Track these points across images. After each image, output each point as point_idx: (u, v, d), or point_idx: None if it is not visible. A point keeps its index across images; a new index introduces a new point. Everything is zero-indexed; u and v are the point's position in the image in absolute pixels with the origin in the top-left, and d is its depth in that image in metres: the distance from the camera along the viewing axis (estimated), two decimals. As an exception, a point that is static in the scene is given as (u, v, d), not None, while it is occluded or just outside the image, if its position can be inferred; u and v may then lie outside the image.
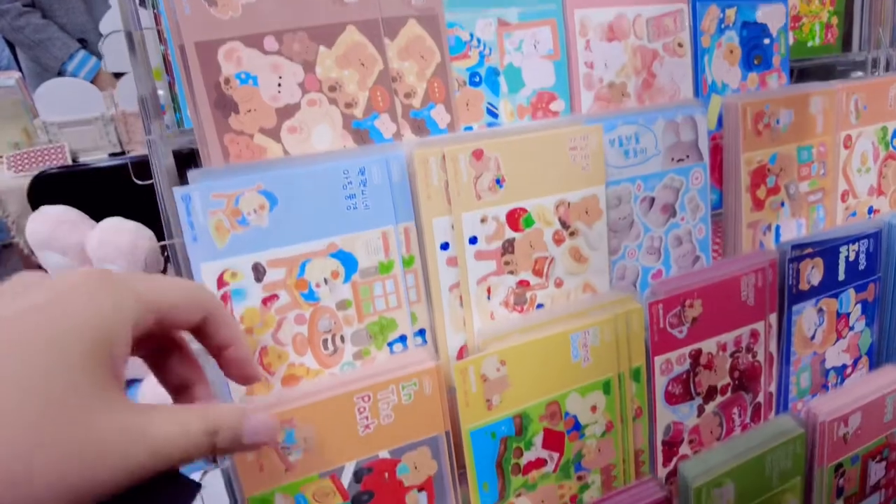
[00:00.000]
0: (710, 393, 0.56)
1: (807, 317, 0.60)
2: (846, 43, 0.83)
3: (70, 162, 1.52)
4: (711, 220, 0.63)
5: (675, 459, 0.55)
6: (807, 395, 0.63)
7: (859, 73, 0.81)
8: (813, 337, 0.62)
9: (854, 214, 0.71)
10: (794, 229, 0.65)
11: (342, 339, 0.45)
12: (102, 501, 0.23)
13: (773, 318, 0.58)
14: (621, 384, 0.51)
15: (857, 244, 0.62)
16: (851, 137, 0.68)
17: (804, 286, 0.59)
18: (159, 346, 0.31)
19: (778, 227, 0.63)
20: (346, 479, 0.43)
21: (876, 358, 0.68)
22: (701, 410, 0.56)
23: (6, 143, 1.59)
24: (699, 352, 0.54)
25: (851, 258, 0.62)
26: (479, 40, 0.51)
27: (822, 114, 0.64)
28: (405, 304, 0.47)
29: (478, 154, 0.46)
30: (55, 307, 0.24)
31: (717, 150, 0.62)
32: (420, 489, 0.46)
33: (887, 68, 0.79)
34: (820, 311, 0.61)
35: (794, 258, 0.58)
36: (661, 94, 0.59)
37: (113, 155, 1.58)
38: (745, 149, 0.59)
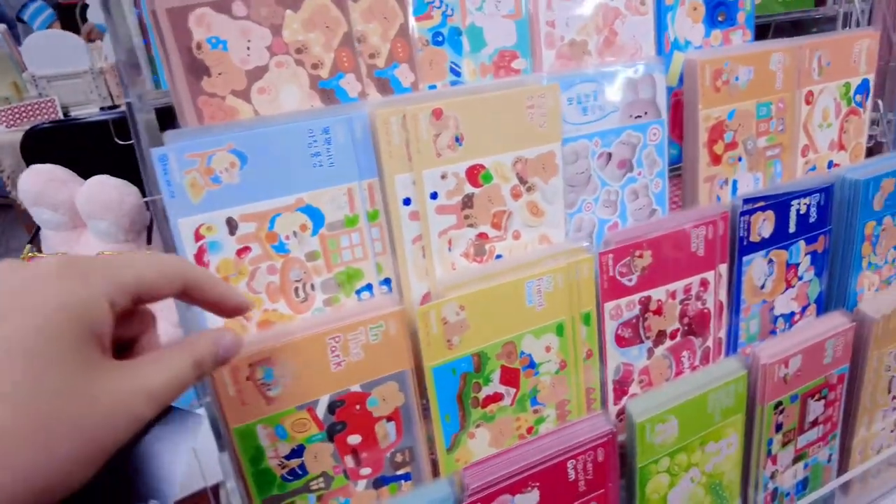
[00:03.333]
0: (660, 337, 0.60)
1: (757, 267, 0.64)
2: (820, -3, 0.84)
3: (61, 116, 1.54)
4: (672, 174, 0.66)
5: (625, 398, 0.60)
6: (755, 341, 0.67)
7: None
8: (763, 286, 0.65)
9: (814, 168, 0.74)
10: (750, 183, 0.68)
11: (312, 287, 0.49)
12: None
13: (723, 268, 0.62)
14: (573, 327, 0.55)
15: (808, 198, 0.65)
16: (813, 93, 0.70)
17: (755, 238, 0.63)
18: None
19: (735, 182, 0.66)
20: (321, 411, 0.48)
21: (825, 306, 0.72)
22: (651, 353, 0.60)
23: (-4, 98, 1.60)
24: (648, 299, 0.58)
25: (803, 211, 0.65)
26: (441, 1, 0.52)
27: (782, 70, 0.66)
28: (371, 256, 0.51)
29: (437, 113, 0.49)
30: (33, 296, 0.26)
31: (679, 107, 0.65)
32: (388, 419, 0.51)
33: (860, 23, 0.80)
34: (770, 261, 0.65)
35: (746, 211, 0.61)
36: (622, 52, 0.61)
37: (104, 109, 1.59)
38: (703, 105, 0.62)
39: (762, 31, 0.85)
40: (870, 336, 0.69)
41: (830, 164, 0.75)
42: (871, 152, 0.79)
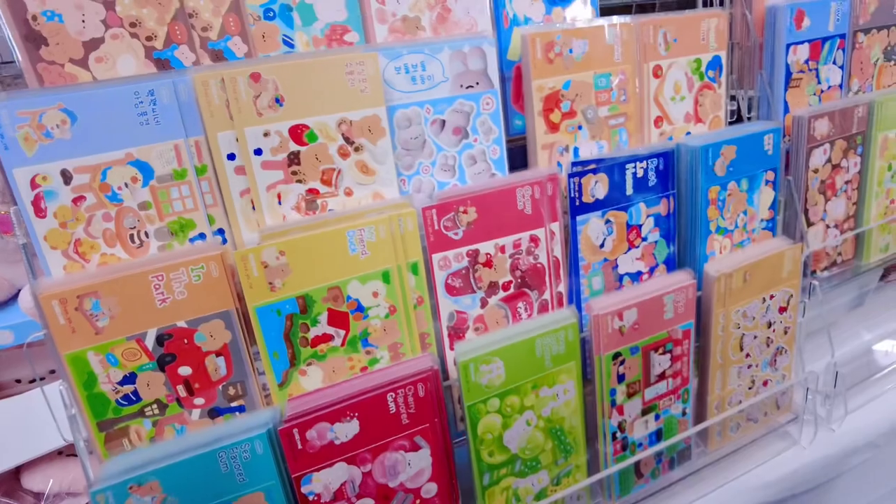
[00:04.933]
0: (492, 288, 0.65)
1: (593, 226, 0.69)
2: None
3: None
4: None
5: (464, 341, 0.65)
6: (600, 296, 0.72)
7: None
8: (602, 245, 0.70)
9: (671, 139, 0.79)
10: (594, 150, 0.72)
11: (146, 234, 0.55)
12: None
13: (555, 226, 0.67)
14: (400, 275, 0.60)
15: (644, 163, 0.70)
16: (661, 67, 0.75)
17: (588, 199, 0.68)
18: None
19: (577, 149, 0.71)
20: (150, 342, 0.54)
21: (676, 267, 0.76)
22: (484, 303, 0.65)
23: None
24: (476, 252, 0.63)
25: (640, 175, 0.70)
26: (271, -20, 0.58)
27: (620, 44, 0.71)
28: (201, 207, 0.56)
29: (255, 77, 0.55)
30: None
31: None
32: (218, 354, 0.56)
33: (721, 3, 0.85)
34: (607, 221, 0.70)
35: (575, 174, 0.66)
36: (457, 27, 0.66)
37: None
38: (535, 76, 0.67)
39: (641, 10, 0.90)
40: (712, 294, 0.73)
41: (689, 135, 0.79)
42: (733, 126, 0.83)
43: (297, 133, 0.57)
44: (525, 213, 0.65)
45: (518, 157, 0.72)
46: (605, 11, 0.76)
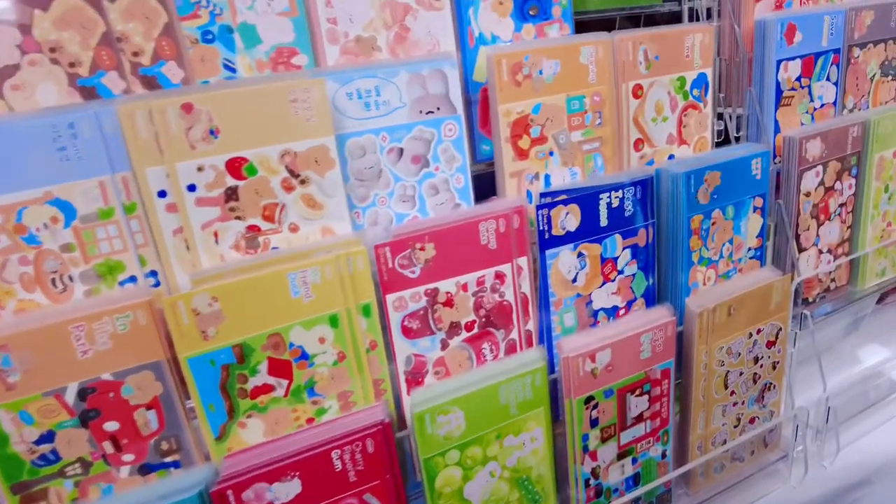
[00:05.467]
0: (454, 328, 0.60)
1: (564, 260, 0.64)
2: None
3: None
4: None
5: (420, 389, 0.61)
6: (573, 334, 0.67)
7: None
8: (574, 280, 0.65)
9: (652, 163, 0.74)
10: (567, 177, 0.68)
11: (70, 278, 0.51)
12: None
13: (522, 261, 0.62)
14: (350, 318, 0.56)
15: (620, 192, 0.65)
16: (642, 87, 0.70)
17: (558, 231, 0.63)
18: None
19: (548, 176, 0.67)
20: (71, 397, 0.49)
21: (655, 301, 0.71)
22: (445, 345, 0.60)
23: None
24: (436, 290, 0.58)
25: (615, 205, 0.65)
26: (208, 0, 0.54)
27: (594, 64, 0.66)
28: (131, 248, 0.52)
29: (187, 107, 0.50)
30: None
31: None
32: (148, 408, 0.52)
33: (710, 18, 0.80)
34: (580, 255, 0.65)
35: (544, 205, 0.61)
36: (417, 48, 0.61)
37: None
38: (501, 100, 0.62)
39: (609, 26, 0.84)
40: (693, 330, 0.68)
41: (671, 159, 0.75)
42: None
43: (235, 166, 0.53)
44: (489, 248, 0.60)
45: (488, 183, 0.68)
46: (583, 27, 0.71)
